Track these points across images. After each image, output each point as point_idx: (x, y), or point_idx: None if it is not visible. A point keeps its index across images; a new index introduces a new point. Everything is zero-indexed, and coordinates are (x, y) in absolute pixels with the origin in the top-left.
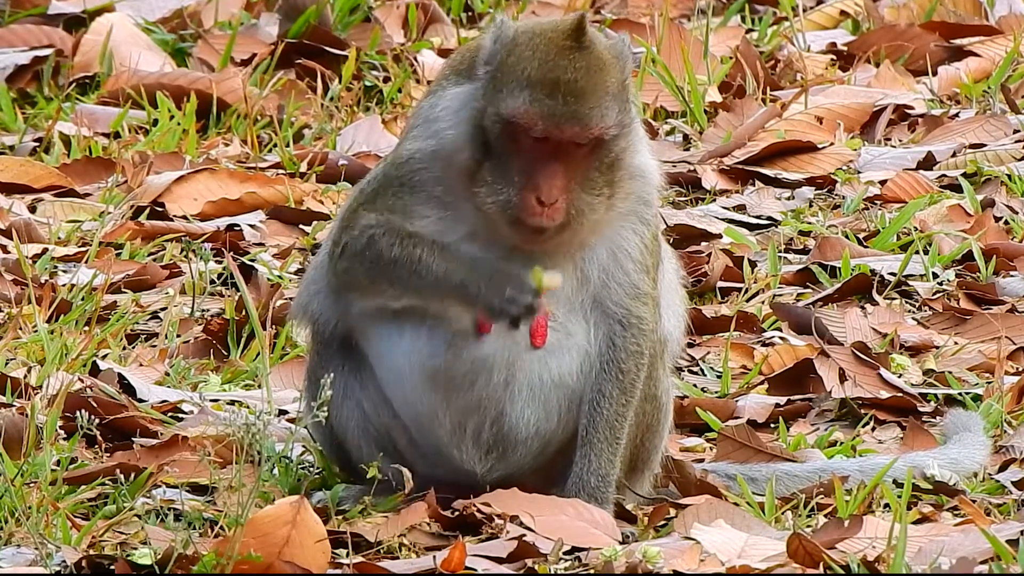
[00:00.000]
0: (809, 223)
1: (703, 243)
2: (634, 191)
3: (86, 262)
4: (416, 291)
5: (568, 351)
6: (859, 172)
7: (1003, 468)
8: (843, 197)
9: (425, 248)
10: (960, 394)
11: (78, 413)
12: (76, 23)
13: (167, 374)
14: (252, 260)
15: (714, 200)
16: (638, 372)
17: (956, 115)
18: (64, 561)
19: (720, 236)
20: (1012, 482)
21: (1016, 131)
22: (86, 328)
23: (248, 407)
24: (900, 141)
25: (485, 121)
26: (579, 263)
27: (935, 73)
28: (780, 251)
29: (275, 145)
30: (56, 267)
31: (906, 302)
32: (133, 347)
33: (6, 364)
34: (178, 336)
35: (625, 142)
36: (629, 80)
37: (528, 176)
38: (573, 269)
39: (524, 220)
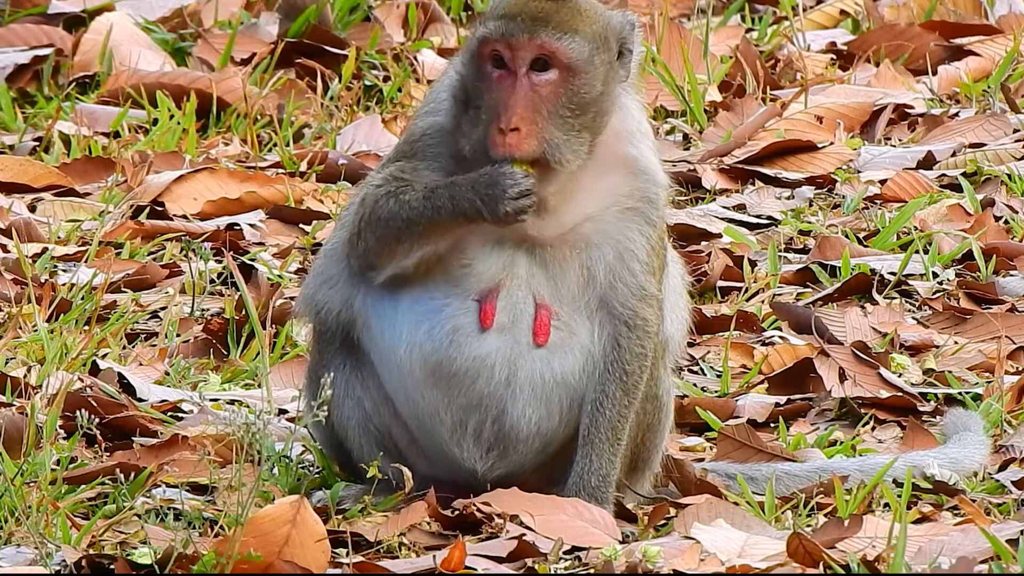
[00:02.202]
0: (809, 222)
1: (703, 242)
2: (638, 188)
3: (86, 261)
4: (420, 235)
5: (571, 350)
6: (859, 171)
7: (1003, 467)
8: (843, 196)
9: (413, 190)
10: (960, 393)
11: (78, 412)
12: (76, 22)
13: (167, 373)
14: (252, 260)
15: (714, 199)
16: (641, 373)
17: (956, 114)
18: (64, 561)
19: (720, 235)
20: (1012, 481)
21: (1016, 130)
22: (86, 328)
23: (248, 407)
24: (900, 140)
25: (463, 71)
26: (585, 262)
27: (935, 72)
28: (780, 250)
29: (275, 144)
30: (56, 266)
31: (906, 301)
32: (133, 347)
33: (6, 363)
34: (178, 335)
35: (603, 88)
36: (614, 40)
37: (493, 111)
38: (579, 268)
39: (492, 155)
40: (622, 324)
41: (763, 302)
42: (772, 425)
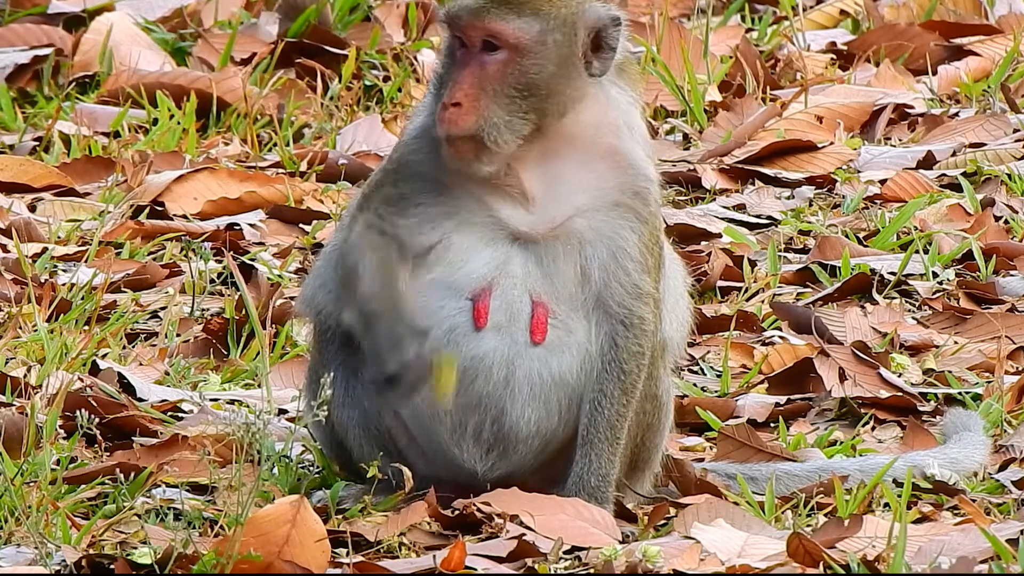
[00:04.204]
0: (809, 222)
1: (703, 242)
2: (626, 182)
3: (86, 261)
4: (357, 307)
5: (568, 349)
6: (859, 171)
7: (1003, 467)
8: (843, 196)
9: (372, 269)
10: (960, 393)
11: (78, 412)
12: (76, 22)
13: (167, 373)
14: (252, 259)
15: (714, 199)
16: (639, 372)
17: (956, 114)
18: (64, 560)
19: (720, 235)
20: (1012, 481)
21: (1016, 130)
22: (86, 327)
23: (248, 406)
24: (900, 140)
25: (440, 58)
26: (580, 260)
27: (935, 72)
28: (780, 250)
29: (275, 144)
30: (56, 266)
31: (906, 301)
32: (133, 346)
33: (6, 363)
34: (178, 335)
35: (558, 72)
36: (584, 29)
37: (446, 87)
38: (575, 266)
39: (436, 132)
40: (619, 323)
41: (763, 302)
42: (772, 425)
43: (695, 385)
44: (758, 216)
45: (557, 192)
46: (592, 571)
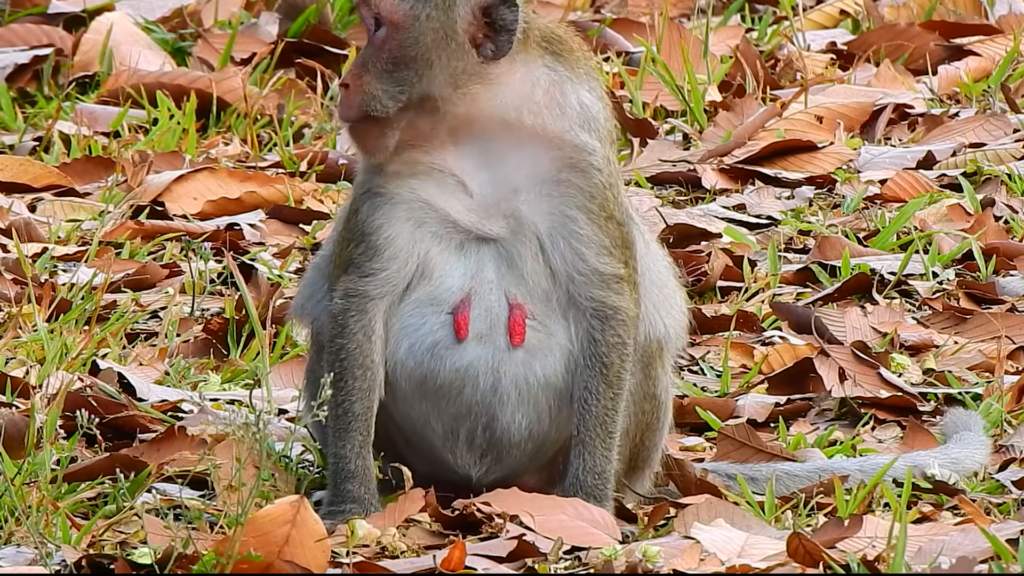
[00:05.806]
0: (809, 222)
1: (703, 242)
2: (558, 158)
3: (86, 261)
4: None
5: (551, 350)
6: (859, 171)
7: (1003, 467)
8: (843, 196)
9: (355, 373)
10: (960, 393)
11: (78, 412)
12: (76, 22)
13: (167, 373)
14: (252, 259)
15: (714, 199)
16: (623, 363)
17: (956, 114)
18: (64, 560)
19: (720, 235)
20: (1012, 481)
21: (1016, 130)
22: (86, 327)
23: (249, 406)
24: (900, 140)
25: None
26: (543, 256)
27: (935, 72)
28: (780, 250)
29: (275, 144)
30: (56, 266)
31: (906, 301)
32: (133, 346)
33: (6, 363)
34: (178, 335)
35: (434, 47)
36: (467, 7)
37: None
38: (543, 264)
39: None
40: (593, 317)
41: (763, 302)
42: (772, 425)
43: (695, 385)
44: (758, 216)
45: (491, 174)
46: (592, 571)
